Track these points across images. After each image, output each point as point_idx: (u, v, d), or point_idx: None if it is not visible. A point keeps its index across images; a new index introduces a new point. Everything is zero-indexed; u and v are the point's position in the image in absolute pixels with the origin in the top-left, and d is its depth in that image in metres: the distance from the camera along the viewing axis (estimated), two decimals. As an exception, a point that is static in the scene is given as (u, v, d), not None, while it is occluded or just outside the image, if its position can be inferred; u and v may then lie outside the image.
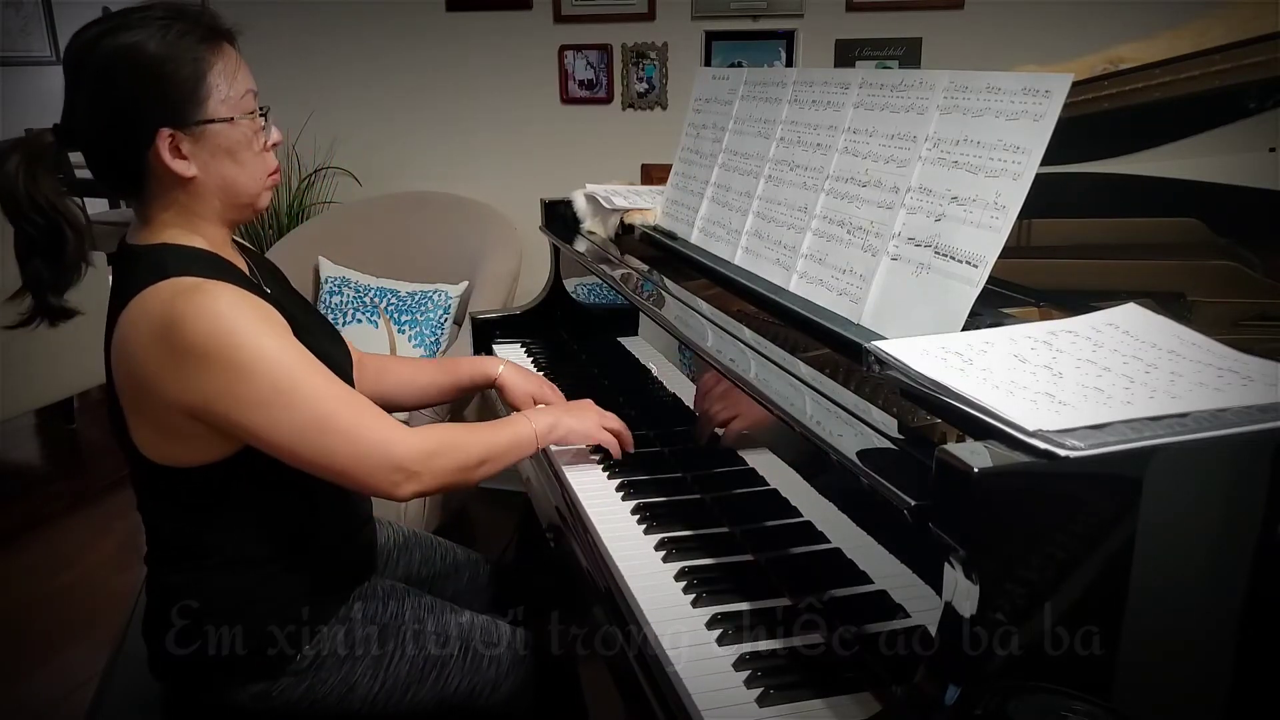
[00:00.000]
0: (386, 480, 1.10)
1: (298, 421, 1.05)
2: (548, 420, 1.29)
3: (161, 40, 1.05)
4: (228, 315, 1.03)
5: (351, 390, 1.12)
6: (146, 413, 1.09)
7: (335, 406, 1.08)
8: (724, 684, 0.92)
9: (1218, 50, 1.34)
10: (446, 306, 2.65)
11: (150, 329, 1.03)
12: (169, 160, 1.07)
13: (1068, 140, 0.98)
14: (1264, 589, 0.79)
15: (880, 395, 0.93)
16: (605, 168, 2.78)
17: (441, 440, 1.15)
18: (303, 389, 1.06)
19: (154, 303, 1.04)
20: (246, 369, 1.03)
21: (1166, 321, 0.91)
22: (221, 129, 1.09)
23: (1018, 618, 0.73)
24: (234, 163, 1.12)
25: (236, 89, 1.10)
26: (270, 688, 1.17)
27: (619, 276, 1.58)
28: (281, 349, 1.06)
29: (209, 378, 1.02)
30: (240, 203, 1.15)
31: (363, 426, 1.09)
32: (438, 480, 1.14)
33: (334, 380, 1.10)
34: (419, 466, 1.11)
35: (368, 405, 1.12)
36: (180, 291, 1.04)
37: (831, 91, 1.28)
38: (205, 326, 1.01)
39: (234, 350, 1.02)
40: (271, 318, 1.08)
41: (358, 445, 1.08)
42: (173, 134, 1.07)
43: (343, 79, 3.04)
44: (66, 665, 2.18)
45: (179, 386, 1.03)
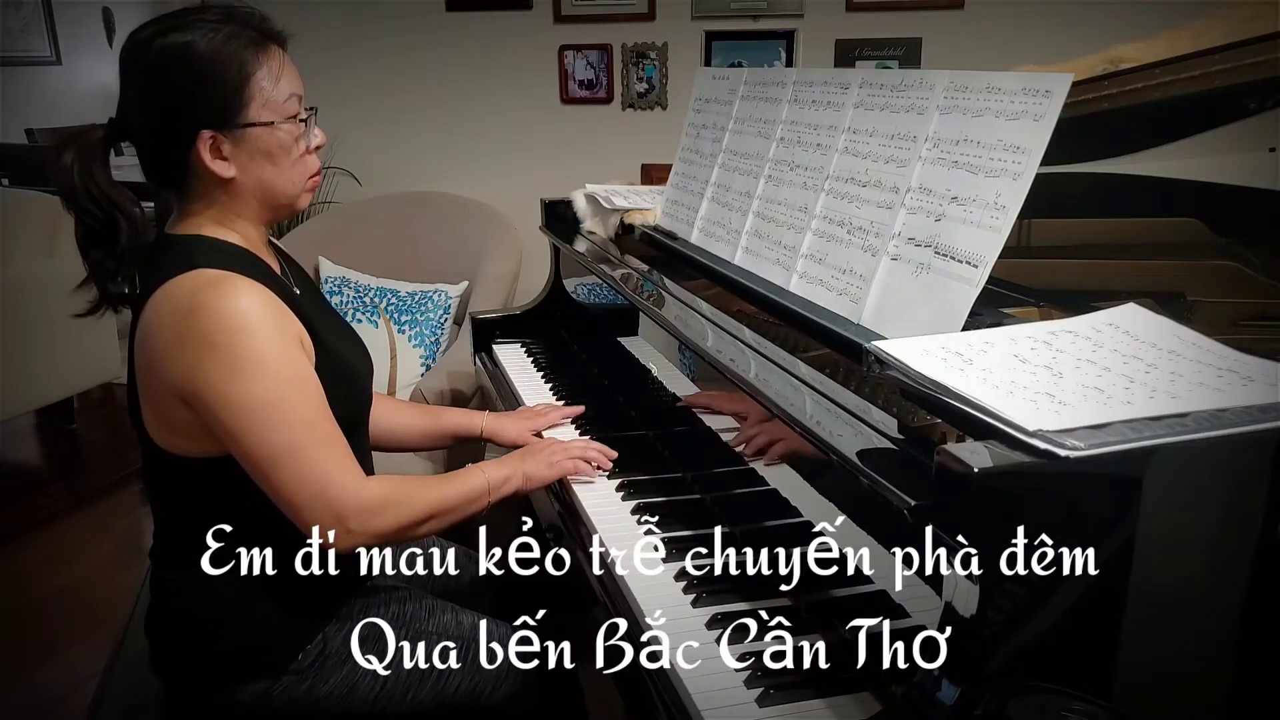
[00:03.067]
0: (328, 528, 1.08)
1: (270, 442, 1.05)
2: (503, 472, 1.27)
3: (210, 42, 1.08)
4: (244, 313, 1.04)
5: (332, 425, 1.11)
6: (150, 397, 1.11)
7: (309, 439, 1.07)
8: (724, 684, 0.92)
9: (1218, 50, 1.34)
10: (446, 306, 2.65)
11: (172, 315, 1.05)
12: (209, 161, 1.10)
13: (1068, 140, 0.99)
14: (1264, 589, 0.79)
15: (880, 395, 0.93)
16: (605, 168, 2.78)
17: (389, 496, 1.14)
18: (288, 412, 1.06)
19: (179, 291, 1.06)
20: (244, 372, 1.04)
21: (1166, 321, 0.91)
22: (261, 132, 1.11)
23: (1018, 618, 0.74)
24: (273, 165, 1.13)
25: (279, 93, 1.12)
26: (271, 686, 1.17)
27: (619, 276, 1.58)
28: (285, 363, 1.07)
29: (207, 368, 1.04)
30: (278, 203, 1.17)
31: (324, 471, 1.08)
32: (377, 538, 1.13)
33: (321, 411, 1.10)
34: (357, 525, 1.10)
35: (339, 447, 1.11)
36: (206, 283, 1.06)
37: (831, 92, 1.28)
38: (219, 319, 1.03)
39: (239, 350, 1.04)
40: (288, 328, 1.09)
41: (313, 486, 1.07)
42: (214, 136, 1.09)
43: (343, 79, 3.04)
44: (67, 665, 2.18)
45: (178, 369, 1.05)
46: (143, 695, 1.25)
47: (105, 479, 3.17)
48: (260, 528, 1.15)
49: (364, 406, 1.30)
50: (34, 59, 5.99)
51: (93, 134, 1.10)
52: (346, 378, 1.21)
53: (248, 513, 1.14)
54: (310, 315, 1.16)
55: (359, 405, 1.27)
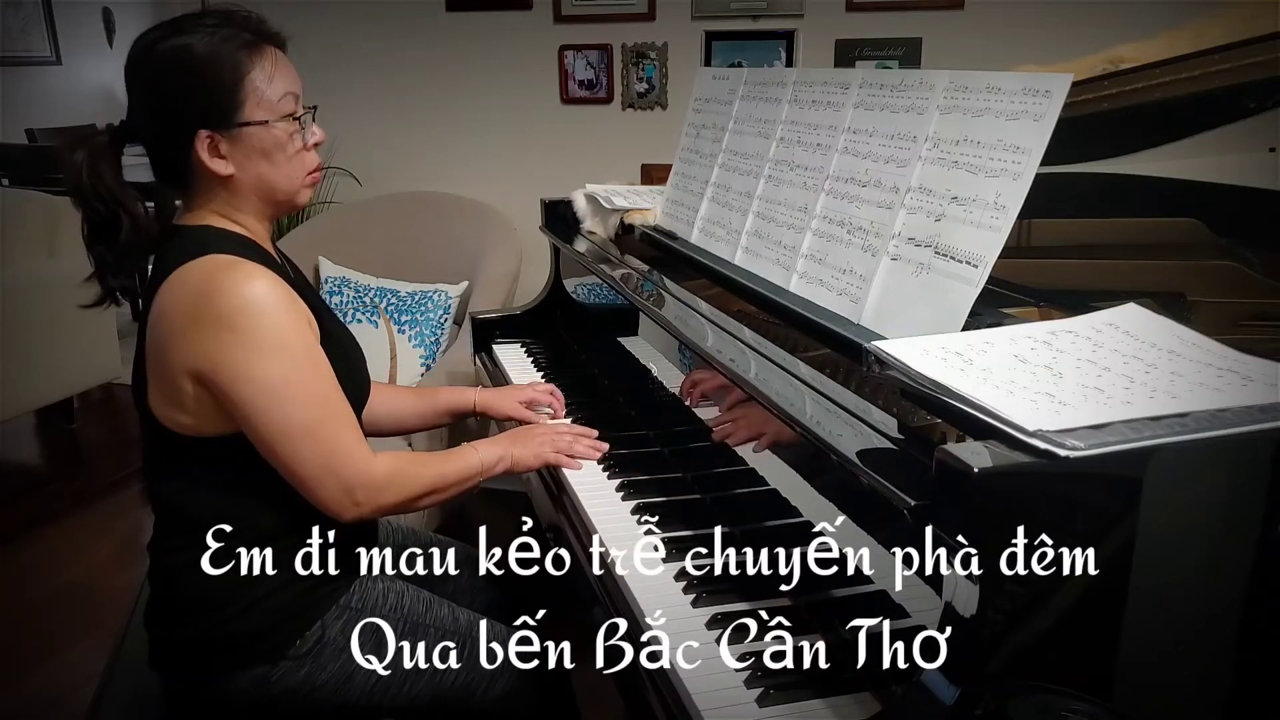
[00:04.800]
0: (336, 502, 1.14)
1: (288, 418, 1.10)
2: (496, 452, 1.32)
3: (207, 45, 1.11)
4: (264, 296, 1.08)
5: (344, 403, 1.16)
6: (160, 376, 1.12)
7: (324, 416, 1.13)
8: (724, 684, 0.92)
9: (1218, 50, 1.34)
10: (446, 306, 2.65)
11: (187, 297, 1.08)
12: (207, 160, 1.13)
13: (1068, 140, 0.99)
14: (1264, 589, 0.79)
15: (880, 395, 0.93)
16: (605, 168, 2.78)
17: (395, 471, 1.20)
18: (304, 389, 1.11)
19: (195, 274, 1.09)
20: (263, 351, 1.07)
21: (1166, 321, 0.91)
22: (257, 131, 1.14)
23: (1018, 618, 0.74)
24: (269, 163, 1.16)
25: (274, 92, 1.15)
26: (270, 672, 1.18)
27: (619, 276, 1.58)
28: (302, 344, 1.11)
29: (226, 349, 1.07)
30: (277, 199, 1.20)
31: (339, 446, 1.13)
32: (380, 511, 1.20)
33: (334, 390, 1.15)
34: (364, 498, 1.15)
35: (350, 425, 1.17)
36: (222, 266, 1.09)
37: (831, 92, 1.28)
38: (239, 301, 1.07)
39: (261, 331, 1.07)
40: (300, 310, 1.14)
41: (327, 460, 1.12)
42: (211, 135, 1.12)
43: (343, 79, 3.04)
44: (67, 664, 2.18)
45: (194, 349, 1.07)
46: (143, 695, 1.25)
47: (105, 479, 3.17)
48: (261, 511, 1.17)
49: (363, 394, 1.33)
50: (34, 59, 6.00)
51: (102, 136, 1.14)
52: (348, 362, 1.25)
53: (248, 495, 1.16)
54: (312, 303, 1.20)
55: (359, 392, 1.30)
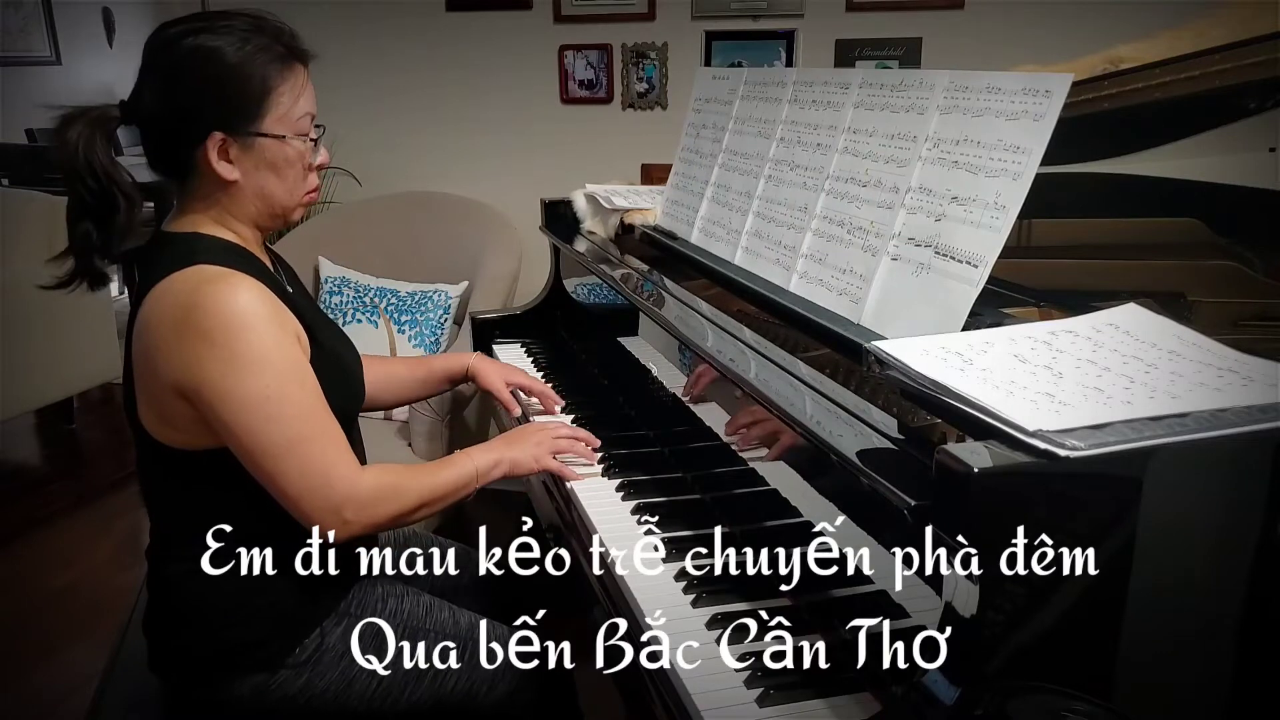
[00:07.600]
0: (325, 520, 1.11)
1: (270, 436, 1.07)
2: (490, 457, 1.29)
3: (239, 51, 1.10)
4: (246, 309, 1.06)
5: (330, 419, 1.14)
6: (147, 390, 1.11)
7: (308, 433, 1.10)
8: (724, 684, 0.92)
9: (1218, 50, 1.34)
10: (446, 306, 2.65)
11: (172, 310, 1.06)
12: (214, 161, 1.12)
13: (1068, 140, 0.98)
14: (1264, 589, 0.79)
15: (880, 395, 0.93)
16: (605, 168, 2.78)
17: (385, 486, 1.17)
18: (287, 406, 1.08)
19: (180, 287, 1.07)
20: (245, 367, 1.05)
21: (1166, 321, 0.91)
22: (271, 144, 1.14)
23: (1018, 618, 0.74)
24: (276, 177, 1.16)
25: (297, 110, 1.15)
26: (269, 680, 1.18)
27: (619, 276, 1.58)
28: (285, 359, 1.09)
29: (207, 364, 1.05)
30: (273, 213, 1.19)
31: (326, 463, 1.11)
32: (373, 527, 1.17)
33: (320, 406, 1.12)
34: (353, 515, 1.13)
35: (336, 440, 1.13)
36: (206, 279, 1.07)
37: (831, 91, 1.28)
38: (221, 315, 1.05)
39: (242, 345, 1.05)
40: (286, 324, 1.11)
41: (313, 479, 1.10)
42: (224, 138, 1.11)
43: (342, 79, 3.03)
44: (67, 665, 2.18)
45: (177, 364, 1.06)
46: (142, 695, 1.25)
47: (105, 479, 3.17)
48: (257, 521, 1.15)
49: (357, 402, 1.32)
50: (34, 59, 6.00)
51: (105, 113, 1.12)
52: (341, 371, 1.23)
53: (243, 506, 1.15)
54: (304, 312, 1.18)
55: (353, 400, 1.29)
